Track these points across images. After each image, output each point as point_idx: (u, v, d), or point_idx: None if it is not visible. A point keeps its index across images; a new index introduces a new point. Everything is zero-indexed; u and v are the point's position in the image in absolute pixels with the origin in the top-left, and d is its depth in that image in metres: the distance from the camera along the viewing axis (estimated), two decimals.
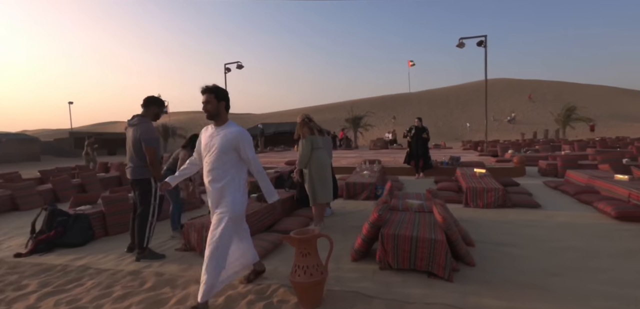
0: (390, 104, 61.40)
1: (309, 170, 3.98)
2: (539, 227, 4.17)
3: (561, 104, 39.68)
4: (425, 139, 7.95)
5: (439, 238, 2.74)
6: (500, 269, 2.91)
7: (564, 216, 4.71)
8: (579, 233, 3.92)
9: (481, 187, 5.37)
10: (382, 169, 8.23)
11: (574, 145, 14.03)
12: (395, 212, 3.67)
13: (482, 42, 12.09)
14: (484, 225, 4.32)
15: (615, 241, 3.61)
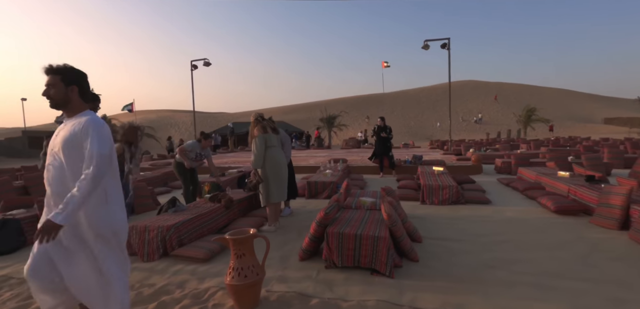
0: (364, 104, 62.23)
1: (263, 169, 3.92)
2: (485, 223, 4.36)
3: (523, 106, 41.99)
4: (384, 138, 8.12)
5: (381, 235, 2.78)
6: (441, 264, 3.00)
7: (511, 212, 4.97)
8: (520, 227, 4.15)
9: (437, 185, 5.55)
10: (347, 168, 8.31)
11: (531, 144, 14.90)
12: (347, 211, 3.69)
13: (446, 44, 12.53)
14: (436, 221, 4.46)
15: (550, 233, 3.86)
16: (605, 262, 3.00)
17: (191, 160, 5.24)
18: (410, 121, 52.70)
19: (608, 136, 26.91)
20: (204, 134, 5.39)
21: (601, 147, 11.48)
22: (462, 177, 7.47)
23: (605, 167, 7.81)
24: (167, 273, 2.86)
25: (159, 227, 3.13)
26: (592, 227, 4.06)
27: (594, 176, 5.45)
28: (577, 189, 5.05)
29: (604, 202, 4.21)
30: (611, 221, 4.00)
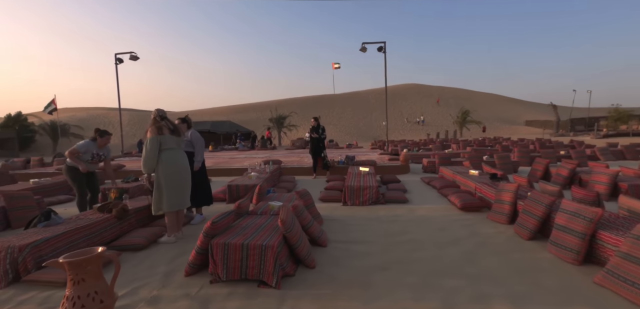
0: (315, 105, 62.71)
1: (157, 174, 3.55)
2: (396, 222, 4.48)
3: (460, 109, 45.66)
4: (316, 138, 8.11)
5: (269, 243, 2.63)
6: (336, 269, 2.95)
7: (423, 210, 5.19)
8: (426, 225, 4.32)
9: (358, 186, 5.61)
10: (279, 169, 8.13)
11: (460, 144, 16.11)
12: (250, 217, 3.50)
13: (382, 48, 12.99)
14: (350, 223, 4.48)
15: (450, 230, 4.06)
16: (486, 257, 3.20)
17: (87, 163, 4.63)
18: (360, 122, 54.30)
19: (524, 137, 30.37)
20: (100, 131, 4.80)
21: (514, 147, 12.82)
22: (389, 177, 7.73)
23: (513, 166, 8.67)
24: (10, 303, 2.40)
25: (9, 248, 2.63)
26: (487, 223, 4.37)
27: (496, 174, 5.95)
28: (482, 187, 5.45)
29: (498, 199, 4.57)
30: (502, 216, 4.35)
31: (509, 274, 2.81)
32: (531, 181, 7.63)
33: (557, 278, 2.73)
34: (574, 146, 13.78)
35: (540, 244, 3.47)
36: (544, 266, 2.95)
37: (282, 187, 6.71)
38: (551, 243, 3.25)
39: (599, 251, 2.92)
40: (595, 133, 27.91)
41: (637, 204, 3.27)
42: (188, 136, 4.65)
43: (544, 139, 19.17)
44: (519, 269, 2.92)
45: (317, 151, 8.25)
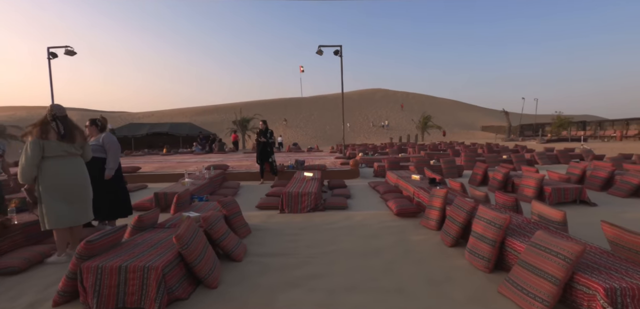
0: (282, 108, 62.19)
1: (39, 186, 3.07)
2: (329, 231, 4.30)
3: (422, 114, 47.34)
4: (264, 142, 7.81)
5: (153, 265, 2.30)
6: (240, 288, 2.69)
7: (361, 216, 5.08)
8: (358, 233, 4.18)
9: (296, 193, 5.39)
10: (222, 175, 7.71)
11: (416, 148, 16.52)
12: (151, 232, 3.13)
13: (338, 51, 12.96)
14: (281, 232, 4.23)
15: (380, 238, 3.94)
16: (405, 267, 3.09)
17: None
18: (326, 125, 54.53)
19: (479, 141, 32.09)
20: None
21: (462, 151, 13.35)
22: (336, 182, 7.61)
23: (458, 170, 8.93)
24: None
25: None
26: (419, 229, 4.33)
27: (435, 178, 6.01)
28: (420, 192, 5.45)
29: (429, 204, 4.56)
30: (432, 221, 4.33)
31: (421, 286, 2.71)
32: (471, 184, 7.87)
33: (466, 288, 2.67)
34: (518, 150, 14.65)
35: (461, 251, 3.44)
36: (458, 276, 2.89)
37: (222, 193, 6.33)
38: (468, 250, 3.22)
39: (508, 258, 2.91)
40: (539, 138, 30.11)
41: (546, 209, 3.34)
42: (100, 140, 4.16)
43: (492, 143, 20.28)
44: (432, 280, 2.83)
45: (265, 156, 7.94)
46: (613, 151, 15.90)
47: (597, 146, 20.97)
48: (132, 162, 11.83)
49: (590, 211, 5.20)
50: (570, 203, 5.63)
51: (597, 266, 2.30)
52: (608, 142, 27.78)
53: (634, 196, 6.06)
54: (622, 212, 5.12)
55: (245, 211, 5.43)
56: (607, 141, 29.36)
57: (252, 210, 5.53)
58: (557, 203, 5.58)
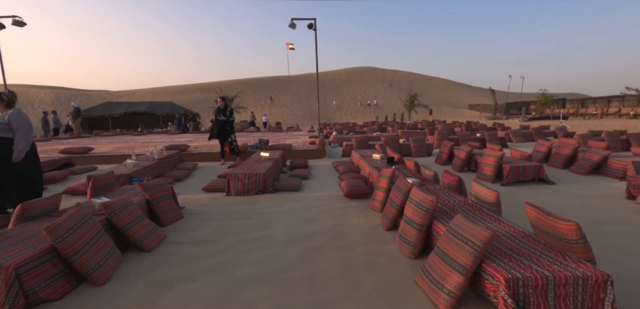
0: (269, 86, 61.03)
1: None
2: (268, 214, 4.05)
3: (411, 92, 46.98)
4: (222, 121, 7.42)
5: (4, 264, 1.99)
6: (129, 282, 2.42)
7: (310, 198, 4.83)
8: (297, 216, 3.94)
9: (244, 174, 5.09)
10: (178, 155, 7.34)
11: (395, 126, 16.31)
12: (45, 221, 2.80)
13: (312, 25, 12.39)
14: (214, 217, 3.95)
15: (318, 222, 3.71)
16: (328, 254, 2.87)
17: None
18: (313, 104, 53.79)
19: (467, 119, 32.12)
20: None
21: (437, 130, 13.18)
22: (299, 162, 7.34)
23: (427, 149, 8.74)
24: None
25: None
26: (364, 212, 4.11)
27: (393, 157, 5.78)
28: (374, 172, 5.22)
29: (377, 186, 4.32)
30: (377, 203, 4.11)
31: (335, 276, 2.49)
32: (438, 163, 7.70)
33: (382, 277, 2.46)
34: (495, 128, 14.58)
35: (395, 235, 3.23)
36: (381, 263, 2.68)
37: (171, 175, 5.99)
38: (397, 235, 3.01)
39: (433, 244, 2.70)
40: (522, 116, 30.28)
41: (482, 189, 3.14)
42: (5, 118, 3.75)
43: (472, 122, 20.23)
44: (351, 267, 2.61)
45: (224, 135, 7.57)
46: (589, 129, 16.02)
47: (576, 124, 21.14)
48: (84, 143, 11.26)
49: (546, 189, 5.07)
50: (529, 182, 5.50)
51: (511, 253, 2.10)
52: (588, 119, 28.12)
53: (594, 174, 5.97)
54: (576, 189, 5.00)
55: (191, 194, 5.15)
56: (588, 118, 29.74)
57: (197, 193, 5.23)
58: (515, 182, 5.44)
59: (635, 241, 3.04)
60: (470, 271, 1.97)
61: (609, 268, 2.52)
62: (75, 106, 14.99)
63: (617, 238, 3.12)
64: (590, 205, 4.18)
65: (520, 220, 3.67)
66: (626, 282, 2.32)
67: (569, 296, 1.78)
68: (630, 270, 2.51)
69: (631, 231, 3.27)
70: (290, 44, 52.80)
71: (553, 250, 2.12)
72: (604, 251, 2.85)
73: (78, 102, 23.17)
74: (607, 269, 2.52)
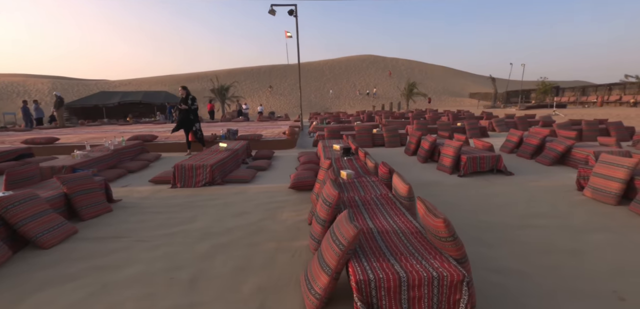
0: (267, 75, 60.63)
1: None
2: (201, 208, 3.94)
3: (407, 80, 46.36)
4: (185, 110, 7.28)
5: None
6: (32, 273, 2.32)
7: (255, 190, 4.72)
8: (229, 210, 3.84)
9: (190, 166, 4.98)
10: (141, 145, 7.23)
11: (382, 115, 16.08)
12: None
13: (293, 11, 12.13)
14: (147, 210, 3.86)
15: (241, 217, 3.60)
16: (232, 251, 2.76)
17: None
18: (311, 94, 53.41)
19: (466, 108, 31.68)
20: None
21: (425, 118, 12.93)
22: (265, 153, 7.21)
23: (400, 139, 8.55)
24: None
25: None
26: (303, 204, 4.01)
27: (349, 148, 5.62)
28: (337, 163, 5.07)
29: (317, 178, 4.18)
30: (314, 195, 3.97)
31: (223, 275, 2.39)
32: (406, 153, 7.53)
33: (270, 278, 2.34)
34: (482, 117, 14.29)
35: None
36: (280, 261, 2.57)
37: (126, 167, 5.89)
38: (309, 234, 2.89)
39: None
40: (519, 105, 29.79)
41: (399, 183, 2.98)
42: None
43: (463, 110, 19.88)
44: (245, 266, 2.50)
45: (188, 125, 7.44)
46: (584, 117, 15.65)
47: (573, 112, 20.70)
48: (52, 133, 11.16)
49: (501, 180, 4.90)
50: (487, 172, 5.33)
51: (386, 252, 1.96)
52: (588, 108, 27.58)
53: (559, 164, 5.78)
54: (531, 180, 4.83)
55: (137, 186, 5.05)
56: (588, 107, 29.18)
57: (144, 184, 5.13)
58: (472, 172, 5.28)
59: (556, 236, 2.89)
60: (335, 271, 1.85)
61: (516, 264, 2.40)
62: (58, 95, 14.91)
63: (540, 232, 2.98)
64: (535, 198, 4.02)
65: (462, 212, 3.54)
66: (533, 277, 2.20)
67: (424, 298, 1.65)
68: (538, 267, 2.38)
69: (558, 226, 3.12)
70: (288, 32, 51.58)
71: (431, 248, 1.98)
72: (521, 246, 2.71)
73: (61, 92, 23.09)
74: (514, 266, 2.39)
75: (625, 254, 2.54)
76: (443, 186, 4.76)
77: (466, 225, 3.20)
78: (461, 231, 3.05)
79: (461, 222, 3.27)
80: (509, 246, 2.73)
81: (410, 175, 5.45)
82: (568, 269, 2.36)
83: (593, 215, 3.36)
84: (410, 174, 5.50)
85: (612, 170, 3.66)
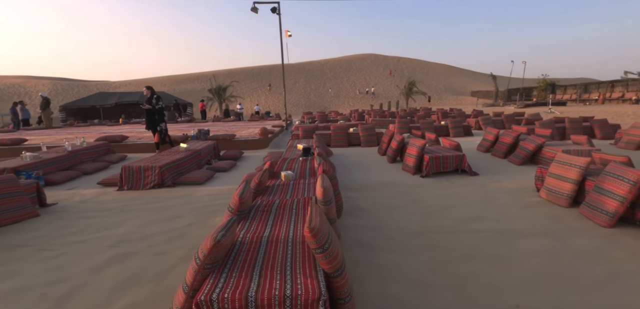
0: (267, 74, 60.62)
1: None
2: (132, 212, 3.76)
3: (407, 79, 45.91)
4: (150, 110, 7.13)
5: None
6: None
7: (204, 192, 4.54)
8: (158, 215, 3.64)
9: (138, 168, 4.81)
10: (106, 146, 7.09)
11: (371, 113, 15.82)
12: None
13: (276, 9, 11.93)
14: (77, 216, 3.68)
15: (167, 223, 3.40)
16: (130, 262, 2.57)
17: None
18: (311, 93, 53.26)
19: (465, 107, 31.24)
20: None
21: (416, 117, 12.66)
22: (233, 153, 7.03)
23: (377, 137, 8.30)
24: None
25: None
26: None
27: (309, 148, 5.41)
28: (292, 163, 4.87)
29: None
30: None
31: (96, 292, 2.19)
32: (379, 153, 7.29)
33: (155, 292, 2.14)
34: (471, 115, 13.97)
35: None
36: (173, 275, 2.36)
37: (81, 169, 5.74)
38: None
39: None
40: (517, 103, 29.31)
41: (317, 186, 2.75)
42: None
43: (455, 109, 19.53)
44: (130, 280, 2.31)
45: (153, 124, 7.28)
46: (583, 115, 15.24)
47: (573, 110, 20.21)
48: (19, 135, 11.03)
49: (463, 181, 4.66)
50: (451, 173, 5.08)
51: (253, 267, 1.74)
52: (589, 105, 27.02)
53: (530, 163, 5.51)
54: (494, 181, 4.58)
55: (84, 188, 4.89)
56: (589, 104, 28.59)
57: (92, 187, 4.96)
58: (435, 173, 5.03)
59: (488, 242, 2.65)
60: (192, 289, 1.63)
61: (425, 275, 2.18)
62: (43, 96, 14.89)
63: (473, 237, 2.74)
64: (489, 199, 3.77)
65: (406, 215, 3.32)
66: (435, 290, 1.97)
67: None
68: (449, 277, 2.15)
69: (497, 230, 2.89)
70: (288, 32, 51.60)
71: (312, 260, 1.76)
72: (443, 254, 2.49)
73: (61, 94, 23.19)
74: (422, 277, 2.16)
75: (551, 262, 2.30)
76: (400, 186, 4.53)
77: (401, 229, 2.98)
78: (392, 237, 2.83)
79: (397, 226, 3.05)
80: (431, 254, 2.50)
81: (372, 175, 5.22)
82: (482, 278, 2.13)
83: (540, 218, 3.11)
84: (372, 174, 5.27)
85: (566, 170, 3.40)
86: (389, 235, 2.87)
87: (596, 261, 2.30)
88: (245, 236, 2.16)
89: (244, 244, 2.03)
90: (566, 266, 2.25)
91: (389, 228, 3.03)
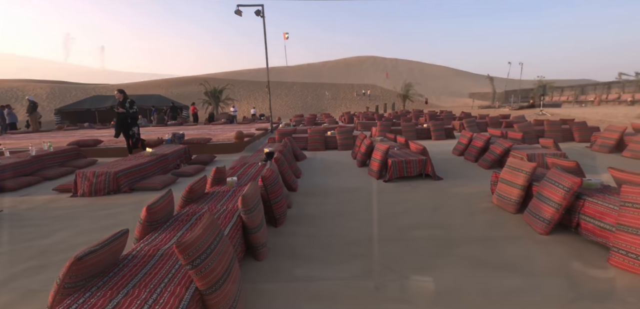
0: (265, 77, 60.57)
1: None
2: (74, 220, 3.66)
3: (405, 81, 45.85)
4: (122, 114, 7.05)
5: None
6: None
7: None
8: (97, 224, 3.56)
9: (92, 173, 4.71)
10: (76, 150, 7.01)
11: (360, 116, 15.72)
12: None
13: (260, 11, 11.87)
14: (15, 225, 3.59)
15: (103, 232, 3.30)
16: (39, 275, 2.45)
17: None
18: (308, 96, 53.23)
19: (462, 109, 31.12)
20: None
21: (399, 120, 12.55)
22: (204, 157, 6.94)
23: (354, 140, 8.19)
24: None
25: None
26: None
27: (271, 153, 5.30)
28: (249, 168, 4.78)
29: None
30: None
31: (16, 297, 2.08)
32: (352, 157, 7.18)
33: None
34: (461, 118, 13.86)
35: None
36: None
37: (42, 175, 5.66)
38: None
39: None
40: (512, 105, 29.18)
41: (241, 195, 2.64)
42: None
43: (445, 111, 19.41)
44: (24, 298, 2.19)
45: (125, 128, 7.20)
46: (576, 117, 15.08)
47: (567, 112, 20.04)
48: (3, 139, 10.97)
49: (424, 185, 4.55)
50: (415, 177, 4.97)
51: (125, 283, 1.64)
52: (584, 107, 26.83)
53: (498, 167, 5.39)
54: (454, 186, 4.46)
55: (38, 195, 4.80)
56: (585, 106, 28.42)
57: (47, 193, 4.87)
58: (399, 178, 4.92)
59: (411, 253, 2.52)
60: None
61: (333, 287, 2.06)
62: (30, 99, 14.86)
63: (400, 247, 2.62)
64: (441, 205, 3.66)
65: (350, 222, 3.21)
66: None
67: None
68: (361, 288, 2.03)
69: (429, 237, 2.77)
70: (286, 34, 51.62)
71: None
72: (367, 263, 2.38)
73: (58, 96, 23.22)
74: (323, 292, 2.03)
75: (470, 274, 2.19)
76: (359, 192, 4.42)
77: (335, 237, 2.87)
78: (321, 246, 2.72)
79: (332, 234, 2.94)
80: (347, 265, 2.38)
81: (335, 180, 5.11)
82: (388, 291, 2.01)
83: (481, 225, 3.00)
84: (336, 179, 5.16)
85: (515, 176, 3.29)
86: (319, 244, 2.76)
87: (516, 272, 2.19)
88: (144, 249, 2.06)
89: (136, 258, 1.93)
90: (484, 278, 2.13)
91: (324, 236, 2.92)
